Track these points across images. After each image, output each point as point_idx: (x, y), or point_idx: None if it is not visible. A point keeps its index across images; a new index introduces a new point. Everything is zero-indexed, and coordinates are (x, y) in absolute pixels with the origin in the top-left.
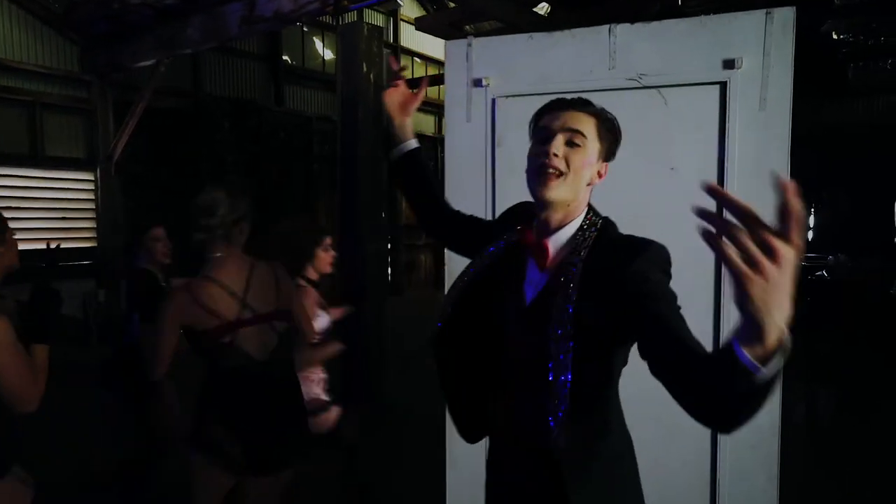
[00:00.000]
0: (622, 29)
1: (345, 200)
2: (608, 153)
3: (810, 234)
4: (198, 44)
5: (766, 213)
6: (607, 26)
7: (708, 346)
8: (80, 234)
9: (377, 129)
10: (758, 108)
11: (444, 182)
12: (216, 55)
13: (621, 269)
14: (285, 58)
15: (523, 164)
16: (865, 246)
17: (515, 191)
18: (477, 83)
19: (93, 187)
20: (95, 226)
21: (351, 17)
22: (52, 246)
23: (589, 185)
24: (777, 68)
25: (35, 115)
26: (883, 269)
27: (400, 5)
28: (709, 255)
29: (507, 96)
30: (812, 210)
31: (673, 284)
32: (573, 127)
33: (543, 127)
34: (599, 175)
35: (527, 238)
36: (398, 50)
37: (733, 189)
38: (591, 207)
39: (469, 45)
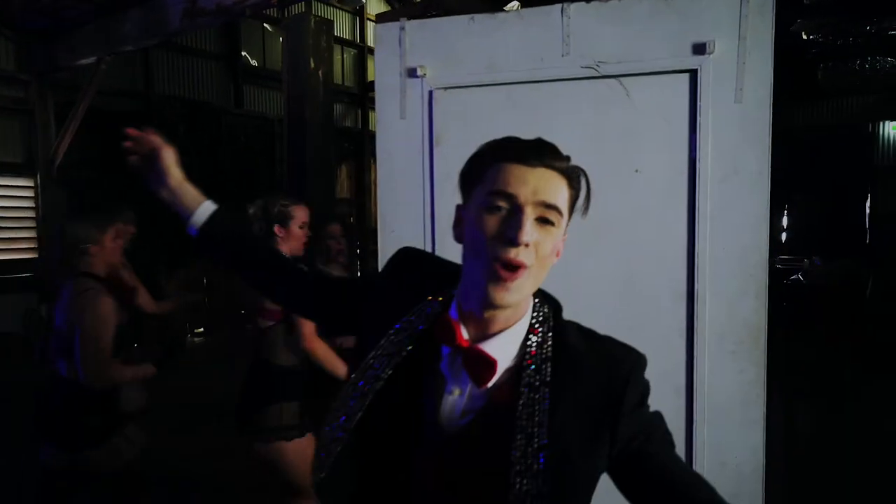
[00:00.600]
0: (577, 9)
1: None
2: (569, 218)
3: (784, 237)
4: (138, 40)
5: (745, 217)
6: (559, 6)
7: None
8: (19, 245)
9: (326, 130)
10: (733, 99)
11: (377, 187)
12: (169, 54)
13: (605, 403)
14: (245, 56)
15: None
16: (839, 249)
17: (457, 197)
18: (412, 73)
19: (33, 194)
20: (36, 235)
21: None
22: None
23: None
24: (754, 54)
25: None
26: (858, 273)
27: (362, 3)
28: (675, 264)
29: (447, 88)
30: (785, 212)
31: (640, 295)
32: (548, 201)
33: (502, 193)
34: (558, 253)
35: (453, 337)
36: (364, 50)
37: (706, 192)
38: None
39: (402, 28)
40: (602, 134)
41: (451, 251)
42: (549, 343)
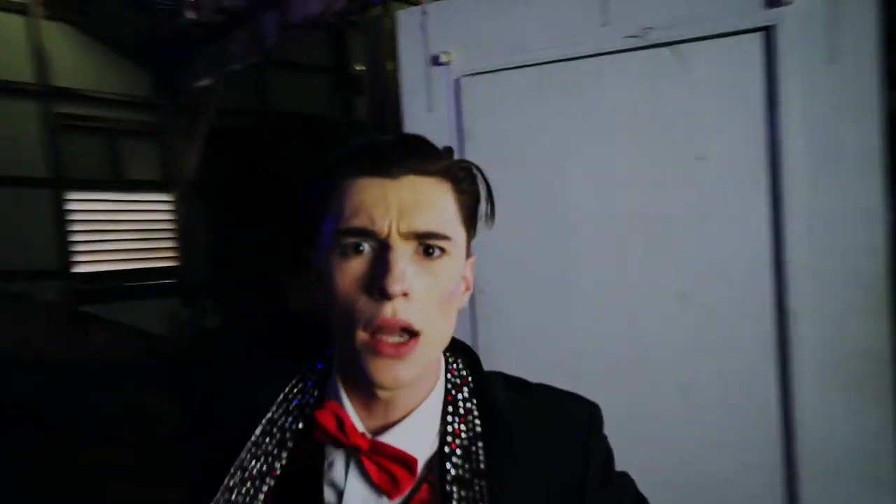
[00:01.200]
0: None
1: None
2: (471, 234)
3: None
4: (242, 59)
5: (852, 212)
6: None
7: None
8: (159, 254)
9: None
10: (826, 59)
11: None
12: (280, 70)
13: (563, 482)
14: (353, 65)
15: (499, 161)
16: None
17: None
18: (436, 61)
19: (171, 208)
20: (176, 245)
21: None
22: None
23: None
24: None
25: (113, 141)
26: None
27: None
28: (756, 273)
29: (474, 74)
30: None
31: (710, 312)
32: (426, 229)
33: (353, 229)
34: (467, 287)
35: (343, 435)
36: None
37: (795, 181)
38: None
39: (424, 12)
40: (655, 116)
41: (492, 259)
42: (475, 414)
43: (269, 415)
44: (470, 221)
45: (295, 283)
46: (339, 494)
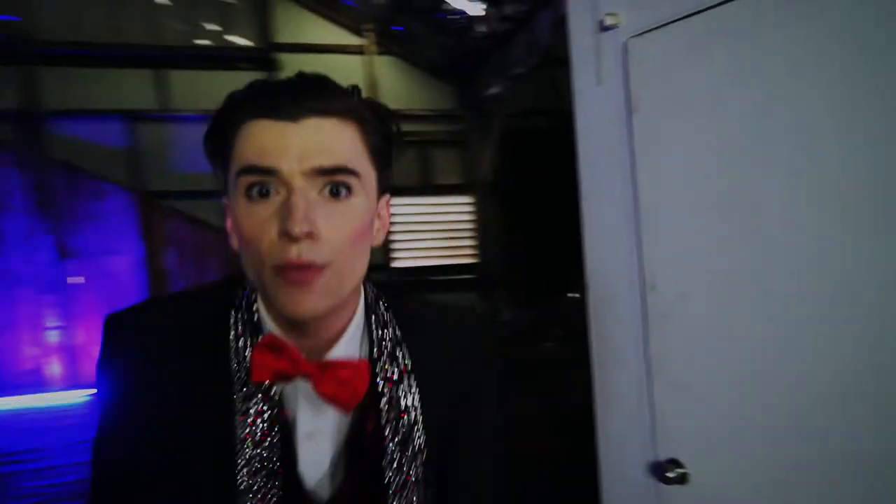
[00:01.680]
0: None
1: None
2: (385, 178)
3: None
4: (524, 62)
5: None
6: None
7: None
8: (462, 252)
9: None
10: None
11: (579, 173)
12: (560, 68)
13: (457, 387)
14: None
15: (670, 134)
16: None
17: (659, 180)
18: (603, 26)
19: (472, 209)
20: (476, 243)
21: None
22: None
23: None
24: None
25: (424, 152)
26: None
27: None
28: None
29: (641, 33)
30: None
31: None
32: (329, 164)
33: (256, 169)
34: (383, 224)
35: (293, 363)
36: None
37: None
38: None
39: None
40: (884, 53)
41: (666, 250)
42: (394, 323)
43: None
44: (380, 160)
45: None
46: (288, 426)
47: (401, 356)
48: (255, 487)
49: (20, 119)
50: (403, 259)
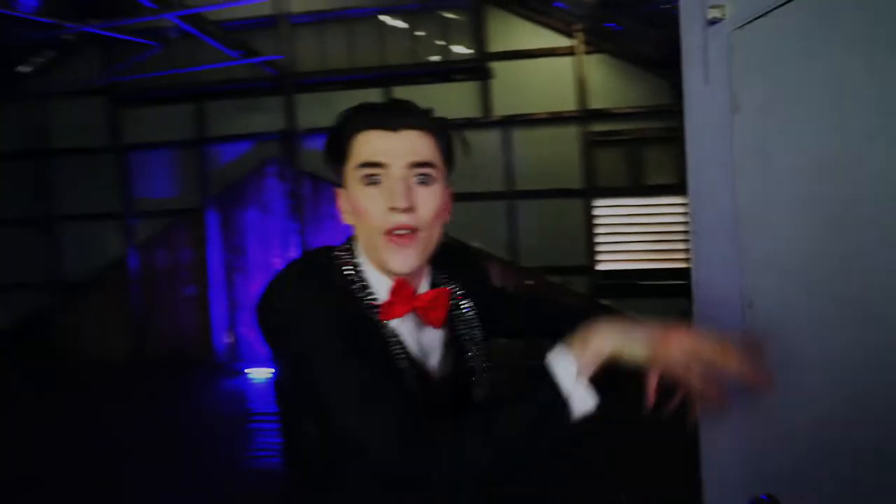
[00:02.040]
0: None
1: None
2: (449, 171)
3: None
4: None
5: None
6: None
7: None
8: (673, 256)
9: None
10: None
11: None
12: None
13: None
14: None
15: (769, 140)
16: None
17: (759, 188)
18: (711, 22)
19: (685, 210)
20: (686, 247)
21: None
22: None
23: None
24: None
25: (635, 151)
26: None
27: None
28: None
29: (745, 24)
30: None
31: None
32: (420, 160)
33: (372, 164)
34: (447, 209)
35: (410, 303)
36: None
37: None
38: None
39: None
40: None
41: (765, 263)
42: (448, 268)
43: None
44: (447, 161)
45: None
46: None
47: (453, 285)
48: (403, 368)
49: (283, 139)
50: (608, 262)
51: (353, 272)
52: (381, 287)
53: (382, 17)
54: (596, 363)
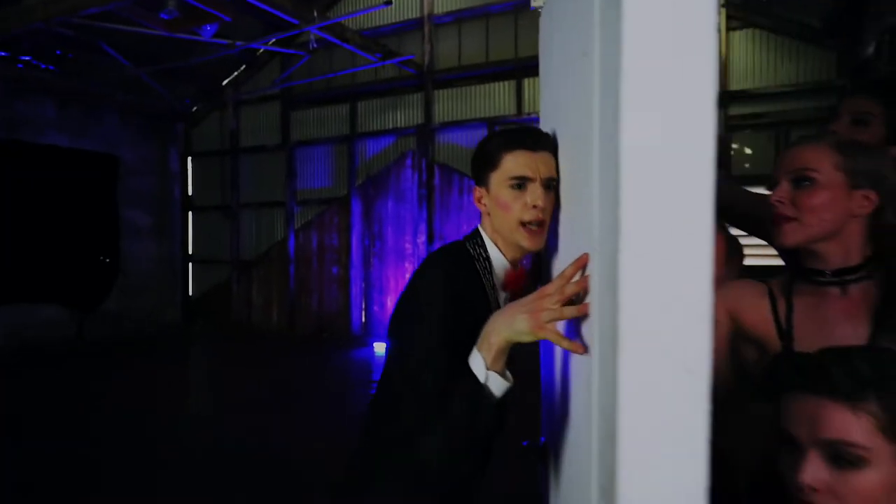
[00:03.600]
0: None
1: None
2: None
3: None
4: None
5: None
6: None
7: None
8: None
9: None
10: None
11: None
12: None
13: None
14: None
15: None
16: None
17: None
18: None
19: None
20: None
21: None
22: None
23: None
24: None
25: (780, 135)
26: None
27: None
28: None
29: None
30: None
31: None
32: (552, 175)
33: (520, 177)
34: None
35: (518, 282)
36: None
37: None
38: None
39: None
40: None
41: None
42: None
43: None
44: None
45: None
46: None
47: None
48: None
49: (419, 132)
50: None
51: (482, 254)
52: (499, 266)
53: (517, 11)
54: (498, 353)
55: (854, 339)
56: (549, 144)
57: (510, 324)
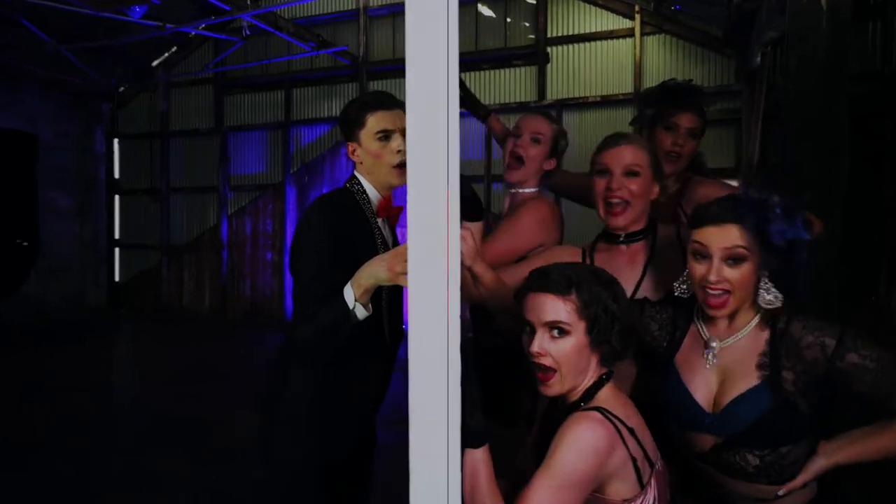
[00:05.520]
0: None
1: None
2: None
3: None
4: (776, 27)
5: None
6: None
7: None
8: None
9: None
10: None
11: None
12: None
13: None
14: None
15: None
16: None
17: None
18: None
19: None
20: None
21: None
22: None
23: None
24: None
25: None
26: None
27: None
28: None
29: None
30: None
31: None
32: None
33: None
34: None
35: (389, 210)
36: None
37: None
38: None
39: None
40: None
41: None
42: None
43: None
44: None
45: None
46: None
47: None
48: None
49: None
50: None
51: (361, 191)
52: (374, 199)
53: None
54: (364, 291)
55: (631, 279)
56: (402, 104)
57: (374, 272)
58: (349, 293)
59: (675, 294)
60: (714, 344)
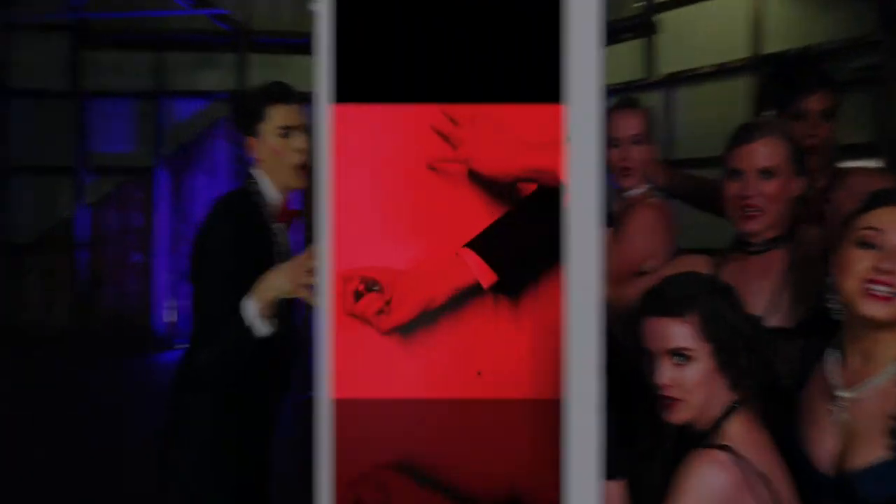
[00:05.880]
0: None
1: None
2: None
3: None
4: None
5: None
6: None
7: None
8: None
9: None
10: None
11: None
12: None
13: None
14: None
15: None
16: None
17: None
18: None
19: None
20: None
21: None
22: None
23: None
24: None
25: None
26: None
27: None
28: None
29: None
30: None
31: None
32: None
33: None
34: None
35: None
36: None
37: None
38: None
39: None
40: None
41: None
42: None
43: None
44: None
45: None
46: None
47: None
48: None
49: (232, 98)
50: None
51: (258, 192)
52: (273, 199)
53: None
54: (265, 304)
55: (762, 292)
56: (303, 96)
57: (275, 283)
58: (251, 307)
59: (829, 306)
60: (842, 394)
